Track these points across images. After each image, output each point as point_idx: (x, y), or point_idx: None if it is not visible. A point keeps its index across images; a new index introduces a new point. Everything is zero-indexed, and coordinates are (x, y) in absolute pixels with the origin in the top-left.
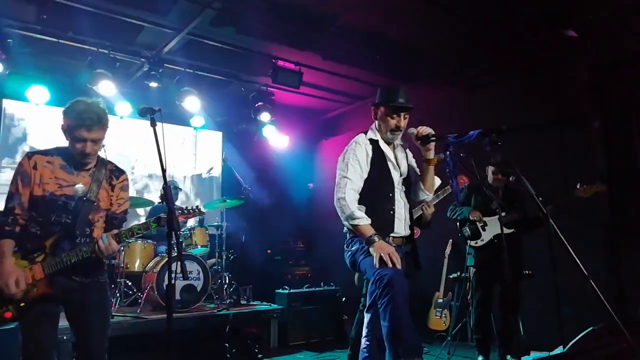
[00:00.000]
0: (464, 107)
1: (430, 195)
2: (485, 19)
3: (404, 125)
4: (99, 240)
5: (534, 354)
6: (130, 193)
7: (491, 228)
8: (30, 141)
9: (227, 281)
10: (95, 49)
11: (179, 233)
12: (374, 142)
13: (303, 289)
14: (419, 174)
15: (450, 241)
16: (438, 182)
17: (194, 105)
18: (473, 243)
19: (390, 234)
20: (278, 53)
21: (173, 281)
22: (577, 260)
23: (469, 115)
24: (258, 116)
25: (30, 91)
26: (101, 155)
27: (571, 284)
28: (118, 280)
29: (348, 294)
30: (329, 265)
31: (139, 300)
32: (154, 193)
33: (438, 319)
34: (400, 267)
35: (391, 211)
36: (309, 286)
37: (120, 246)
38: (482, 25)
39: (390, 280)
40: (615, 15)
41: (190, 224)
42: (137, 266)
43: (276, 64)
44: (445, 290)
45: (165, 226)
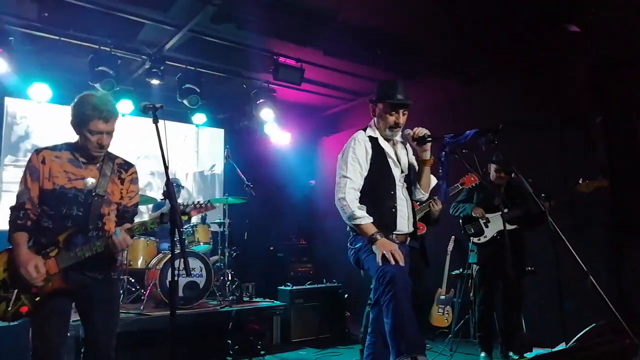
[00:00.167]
0: (464, 105)
1: (425, 195)
2: (485, 17)
3: (403, 122)
4: (113, 235)
5: (536, 351)
6: None
7: (494, 225)
8: (32, 139)
9: (230, 278)
10: (97, 47)
11: (182, 230)
12: (373, 140)
13: (305, 285)
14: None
15: (452, 238)
16: (434, 182)
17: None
18: (476, 240)
19: (394, 232)
20: (279, 49)
21: (176, 278)
22: (577, 256)
23: (468, 113)
24: (259, 113)
25: (32, 89)
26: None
27: (573, 280)
28: (121, 277)
29: (350, 291)
30: (331, 262)
31: (142, 297)
32: (156, 191)
33: (440, 316)
34: (404, 264)
35: (393, 208)
36: (311, 283)
37: None
38: (483, 24)
39: (393, 277)
40: (615, 14)
41: (193, 221)
42: (140, 263)
43: (277, 61)
44: (447, 287)
45: (168, 223)
